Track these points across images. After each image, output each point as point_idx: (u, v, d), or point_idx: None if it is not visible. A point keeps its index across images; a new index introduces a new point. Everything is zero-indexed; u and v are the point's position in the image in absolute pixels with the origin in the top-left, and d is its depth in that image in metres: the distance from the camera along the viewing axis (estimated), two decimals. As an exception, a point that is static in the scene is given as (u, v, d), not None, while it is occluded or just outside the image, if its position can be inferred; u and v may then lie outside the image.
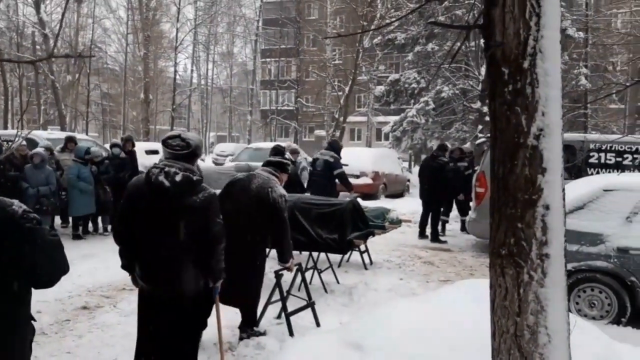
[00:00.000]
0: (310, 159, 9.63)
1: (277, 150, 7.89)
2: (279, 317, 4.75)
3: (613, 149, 7.91)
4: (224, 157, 25.74)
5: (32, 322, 2.06)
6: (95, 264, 6.67)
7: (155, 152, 15.84)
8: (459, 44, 16.71)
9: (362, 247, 6.89)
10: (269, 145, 16.59)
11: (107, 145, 11.08)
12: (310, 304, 4.58)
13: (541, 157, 1.66)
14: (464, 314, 3.06)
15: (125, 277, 3.63)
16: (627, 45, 22.90)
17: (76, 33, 32.25)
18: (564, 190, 1.71)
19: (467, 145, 13.03)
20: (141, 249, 2.95)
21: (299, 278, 4.85)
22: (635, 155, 7.72)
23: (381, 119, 29.92)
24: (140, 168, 9.20)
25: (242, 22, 41.84)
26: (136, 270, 3.03)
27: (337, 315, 5.05)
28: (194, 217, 2.84)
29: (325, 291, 5.76)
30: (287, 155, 8.05)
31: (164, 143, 2.99)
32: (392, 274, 6.77)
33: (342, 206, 5.94)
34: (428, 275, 6.85)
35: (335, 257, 6.69)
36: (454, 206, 10.15)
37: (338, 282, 6.10)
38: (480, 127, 17.04)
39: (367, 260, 7.14)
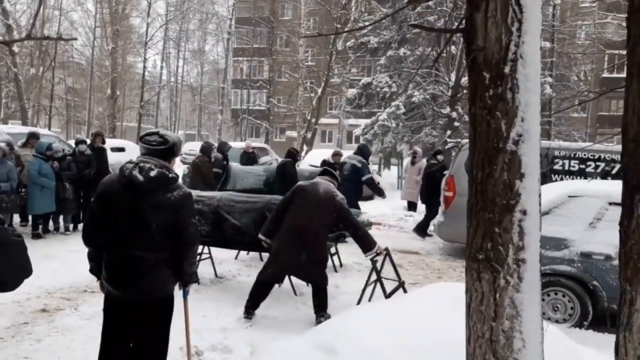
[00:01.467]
0: (279, 160, 9.73)
1: (327, 163, 8.86)
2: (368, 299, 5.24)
3: (577, 156, 8.15)
4: (192, 156, 25.33)
5: None
6: (56, 265, 6.41)
7: (122, 149, 15.43)
8: (435, 48, 16.97)
9: (333, 250, 6.87)
10: (240, 144, 16.43)
11: (72, 142, 10.71)
12: (401, 284, 5.24)
13: (520, 163, 1.67)
14: (435, 318, 3.07)
15: (87, 278, 3.50)
16: (590, 56, 23.75)
17: (42, 25, 31.18)
18: (540, 195, 1.73)
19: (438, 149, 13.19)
20: (111, 250, 2.83)
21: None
22: (597, 163, 7.98)
23: (352, 121, 30.05)
24: (106, 165, 8.96)
25: (215, 19, 41.36)
26: (103, 274, 2.89)
27: (308, 318, 5.01)
28: (168, 215, 2.74)
29: (295, 294, 5.71)
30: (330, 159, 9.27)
31: (142, 139, 2.89)
32: (363, 276, 6.72)
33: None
34: (393, 274, 6.87)
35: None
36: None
37: (308, 285, 6.05)
38: (449, 132, 17.33)
39: (337, 263, 7.12)
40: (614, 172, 7.70)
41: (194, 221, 2.87)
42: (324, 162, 9.31)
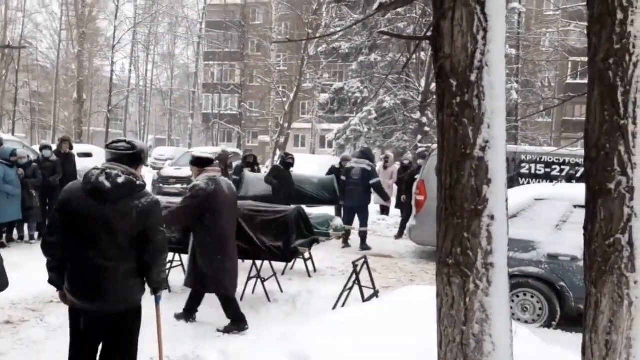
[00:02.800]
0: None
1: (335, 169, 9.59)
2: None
3: (542, 160, 8.37)
4: (162, 162, 24.93)
5: None
6: (20, 275, 6.10)
7: (89, 154, 15.06)
8: (404, 54, 17.16)
9: (307, 255, 6.86)
10: (213, 149, 16.27)
11: (36, 147, 10.40)
12: (376, 292, 5.43)
13: (487, 169, 1.70)
14: (408, 322, 3.09)
15: (52, 289, 3.41)
16: (554, 62, 24.49)
17: (4, 27, 30.26)
18: (507, 200, 1.76)
19: (408, 154, 13.39)
20: (74, 260, 2.71)
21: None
22: (562, 167, 8.21)
23: (325, 126, 30.16)
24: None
25: (185, 23, 40.92)
26: (65, 285, 2.78)
27: (281, 324, 4.97)
28: (135, 223, 2.66)
29: (269, 300, 5.67)
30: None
31: (108, 146, 2.83)
32: (336, 281, 6.75)
33: (287, 213, 5.87)
34: (369, 281, 6.91)
35: (279, 265, 6.61)
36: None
37: (282, 291, 6.02)
38: (419, 137, 17.57)
39: (310, 268, 7.11)
40: (578, 175, 7.93)
41: (162, 229, 2.80)
42: (332, 169, 10.26)
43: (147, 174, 10.38)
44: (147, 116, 45.45)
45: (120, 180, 2.64)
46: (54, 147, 9.21)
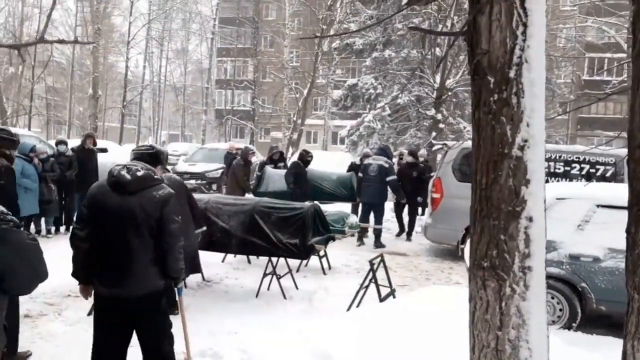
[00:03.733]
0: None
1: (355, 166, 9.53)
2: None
3: (562, 158, 8.23)
4: (176, 157, 25.05)
5: (4, 330, 1.94)
6: (39, 269, 6.25)
7: (104, 150, 15.11)
8: (419, 50, 16.95)
9: (321, 252, 6.82)
10: (224, 145, 16.29)
11: (52, 142, 10.48)
12: (392, 291, 5.41)
13: (525, 169, 1.64)
14: (428, 323, 3.04)
15: (70, 282, 3.43)
16: (570, 59, 24.15)
17: (21, 23, 30.56)
18: (545, 201, 1.70)
19: (422, 151, 13.24)
20: (100, 251, 2.92)
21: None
22: (582, 165, 8.06)
23: (338, 122, 30.07)
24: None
25: (198, 19, 40.97)
26: (94, 275, 2.97)
27: (297, 322, 4.94)
28: (153, 212, 2.87)
29: (284, 297, 5.65)
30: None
31: (133, 150, 3.21)
32: (351, 278, 6.72)
33: (303, 210, 5.84)
34: (386, 279, 6.86)
35: (293, 262, 6.59)
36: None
37: (297, 288, 6.00)
38: (434, 133, 17.41)
39: (325, 265, 7.08)
40: (598, 174, 7.79)
41: (176, 218, 2.99)
42: (352, 165, 10.25)
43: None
44: (161, 112, 45.71)
45: (139, 173, 2.89)
46: (73, 142, 9.28)
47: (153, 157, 3.13)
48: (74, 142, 10.11)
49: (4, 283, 1.80)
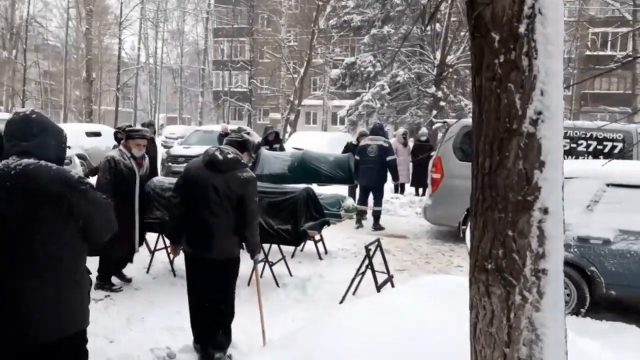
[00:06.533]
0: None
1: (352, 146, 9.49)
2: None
3: (567, 135, 7.86)
4: (173, 140, 24.69)
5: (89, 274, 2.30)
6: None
7: (97, 134, 14.72)
8: (419, 26, 16.46)
9: (317, 237, 6.54)
10: (219, 127, 15.89)
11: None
12: (390, 278, 5.28)
13: (539, 148, 1.31)
14: (426, 321, 2.75)
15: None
16: (574, 33, 23.53)
17: (12, 4, 29.87)
18: (563, 189, 1.38)
19: (423, 129, 12.86)
20: (189, 217, 3.54)
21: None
22: (589, 142, 7.70)
23: (337, 102, 29.58)
24: (76, 151, 8.47)
25: (193, -1, 40.18)
26: (183, 236, 3.63)
27: (290, 312, 4.70)
28: (236, 189, 3.44)
29: (277, 285, 5.39)
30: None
31: (227, 134, 3.86)
32: (348, 264, 6.44)
33: (295, 194, 5.53)
34: (383, 265, 6.59)
35: (288, 248, 6.31)
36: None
37: (291, 275, 5.73)
38: (435, 112, 17.00)
39: (321, 250, 6.81)
40: (606, 150, 7.43)
41: (255, 199, 3.54)
42: (349, 145, 10.00)
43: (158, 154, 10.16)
44: (158, 94, 45.14)
45: (229, 156, 3.52)
46: (68, 127, 8.94)
47: (241, 144, 3.69)
48: (70, 127, 9.78)
49: (84, 229, 2.13)
